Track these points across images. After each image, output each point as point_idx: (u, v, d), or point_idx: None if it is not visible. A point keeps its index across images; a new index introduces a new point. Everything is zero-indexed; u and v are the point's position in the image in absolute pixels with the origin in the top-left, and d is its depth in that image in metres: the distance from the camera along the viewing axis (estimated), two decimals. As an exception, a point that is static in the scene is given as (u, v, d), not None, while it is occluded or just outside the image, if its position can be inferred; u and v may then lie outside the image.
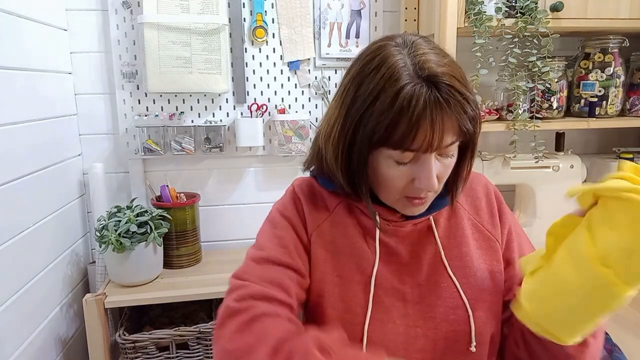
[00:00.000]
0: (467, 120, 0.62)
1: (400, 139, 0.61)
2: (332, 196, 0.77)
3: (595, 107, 1.47)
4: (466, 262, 0.74)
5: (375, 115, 0.61)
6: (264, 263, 0.69)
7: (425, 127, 0.59)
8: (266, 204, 1.67)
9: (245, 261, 0.71)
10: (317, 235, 0.74)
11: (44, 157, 1.31)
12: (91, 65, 1.50)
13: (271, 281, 0.66)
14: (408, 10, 1.59)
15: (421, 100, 0.59)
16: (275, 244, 0.72)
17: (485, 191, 0.82)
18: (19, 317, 1.13)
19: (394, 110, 0.59)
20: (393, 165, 0.65)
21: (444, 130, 0.61)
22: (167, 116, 1.52)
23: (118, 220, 1.32)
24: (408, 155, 0.63)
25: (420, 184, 0.64)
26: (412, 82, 0.60)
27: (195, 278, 1.41)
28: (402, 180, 0.66)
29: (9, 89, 1.14)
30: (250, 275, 0.67)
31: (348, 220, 0.75)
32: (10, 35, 1.16)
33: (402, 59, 0.62)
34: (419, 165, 0.64)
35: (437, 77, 0.60)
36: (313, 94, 1.62)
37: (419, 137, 0.60)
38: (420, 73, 0.60)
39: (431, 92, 0.59)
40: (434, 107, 0.59)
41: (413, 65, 0.61)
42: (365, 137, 0.63)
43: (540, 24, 1.32)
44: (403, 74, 0.60)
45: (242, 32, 1.54)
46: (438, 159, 0.65)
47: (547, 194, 1.53)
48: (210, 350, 1.34)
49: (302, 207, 0.76)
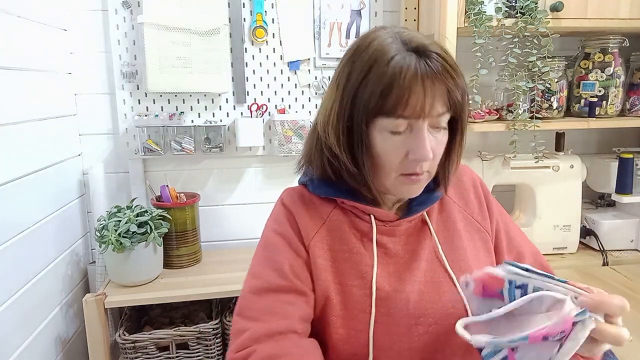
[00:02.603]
0: (456, 91, 0.65)
1: (394, 106, 0.64)
2: (324, 203, 0.77)
3: (595, 107, 1.47)
4: (460, 254, 0.75)
5: (369, 86, 0.65)
6: (261, 293, 0.69)
7: (416, 92, 0.63)
8: (266, 204, 1.67)
9: (243, 294, 0.71)
10: (314, 245, 0.73)
11: (44, 157, 1.31)
12: (91, 65, 1.50)
13: (270, 312, 0.67)
14: (408, 10, 1.59)
15: (412, 67, 0.63)
16: (270, 268, 0.71)
17: (472, 182, 0.83)
18: (19, 317, 1.13)
19: (386, 78, 0.63)
20: (388, 138, 0.67)
21: (435, 96, 0.64)
22: (167, 116, 1.52)
23: (118, 220, 1.32)
24: (402, 123, 0.65)
25: (415, 155, 0.66)
26: (402, 53, 0.64)
27: (195, 278, 1.41)
28: (398, 152, 0.67)
29: (9, 89, 1.14)
30: (251, 311, 0.68)
31: (343, 225, 0.75)
32: (10, 35, 1.16)
33: (390, 36, 0.66)
34: (413, 136, 0.66)
35: (425, 47, 0.64)
36: (313, 94, 1.62)
37: (411, 102, 0.63)
38: (409, 46, 0.65)
39: (421, 60, 0.63)
40: (425, 73, 0.63)
41: (402, 40, 0.66)
42: (362, 108, 0.66)
43: (540, 24, 1.32)
44: (392, 47, 0.65)
45: (242, 32, 1.53)
46: (430, 132, 0.67)
47: (547, 194, 1.53)
48: (210, 350, 1.35)
49: (295, 219, 0.75)
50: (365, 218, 0.75)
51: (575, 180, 1.53)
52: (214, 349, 1.35)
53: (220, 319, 1.37)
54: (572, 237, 1.55)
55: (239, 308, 0.70)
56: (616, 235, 1.55)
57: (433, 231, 0.75)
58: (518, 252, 0.82)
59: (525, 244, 0.84)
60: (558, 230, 1.54)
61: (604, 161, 1.58)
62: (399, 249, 0.74)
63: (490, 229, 0.80)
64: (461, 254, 0.75)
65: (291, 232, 0.74)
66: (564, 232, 1.54)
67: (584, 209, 1.62)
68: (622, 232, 1.56)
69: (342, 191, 0.75)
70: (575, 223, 1.55)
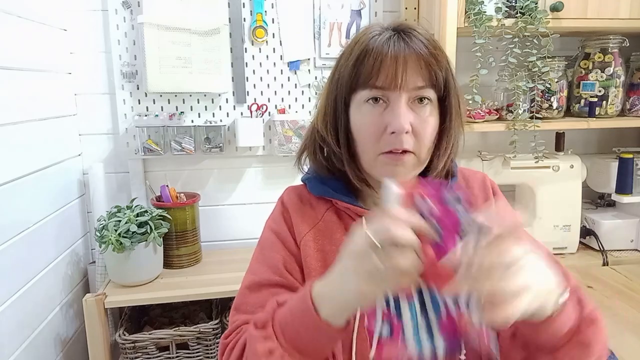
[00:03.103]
0: (437, 67, 0.66)
1: (367, 76, 0.66)
2: (320, 203, 0.77)
3: (595, 107, 1.47)
4: None
5: (349, 62, 0.68)
6: (256, 288, 0.72)
7: (389, 61, 0.64)
8: (266, 204, 1.67)
9: (240, 289, 0.74)
10: (305, 244, 0.74)
11: (44, 157, 1.31)
12: (91, 65, 1.50)
13: (264, 306, 0.68)
14: (408, 10, 1.59)
15: (385, 38, 0.65)
16: (266, 265, 0.74)
17: (482, 187, 0.82)
18: (19, 317, 1.13)
19: (360, 50, 0.66)
20: (366, 111, 0.68)
21: (410, 68, 0.65)
22: (167, 116, 1.52)
23: (118, 220, 1.32)
24: (377, 93, 0.66)
25: (391, 127, 0.65)
26: (380, 31, 0.67)
27: (195, 278, 1.41)
28: (376, 126, 0.67)
29: (9, 89, 1.14)
30: (246, 305, 0.71)
31: (336, 226, 0.75)
32: (10, 35, 1.16)
33: (378, 24, 0.70)
34: (390, 109, 0.66)
35: (405, 26, 0.67)
36: (313, 94, 1.62)
37: (383, 71, 0.65)
38: (391, 26, 0.68)
39: (398, 34, 0.66)
40: (399, 45, 0.65)
41: (386, 25, 0.69)
42: (342, 84, 0.69)
43: (540, 24, 1.32)
44: (374, 28, 0.68)
45: (242, 32, 1.54)
46: (412, 108, 0.67)
47: (547, 194, 1.53)
48: (210, 350, 1.35)
49: (290, 218, 0.77)
50: (358, 220, 0.75)
51: (575, 180, 1.53)
52: (214, 349, 1.35)
53: (220, 319, 1.37)
54: (572, 237, 1.55)
55: (236, 302, 0.73)
56: (616, 235, 1.55)
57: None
58: None
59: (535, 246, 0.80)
60: (558, 230, 1.54)
61: (604, 161, 1.58)
62: None
63: None
64: None
65: (285, 229, 0.76)
66: (564, 232, 1.54)
67: (584, 209, 1.62)
68: (622, 232, 1.56)
69: (337, 191, 0.75)
70: (575, 223, 1.55)
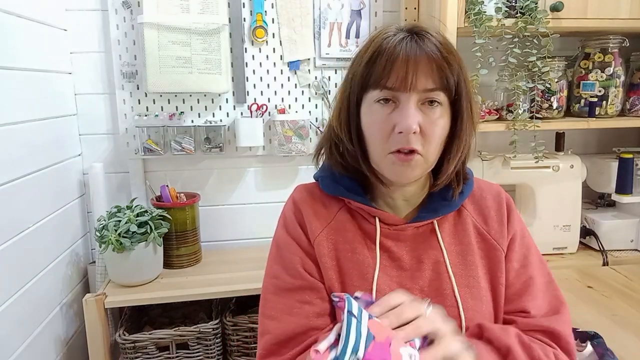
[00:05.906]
0: (448, 71, 0.66)
1: (379, 77, 0.66)
2: (333, 201, 0.77)
3: (595, 107, 1.47)
4: (470, 271, 0.73)
5: (363, 61, 0.69)
6: (279, 293, 0.73)
7: (400, 63, 0.65)
8: (266, 204, 1.67)
9: (263, 294, 0.76)
10: (319, 243, 0.74)
11: (44, 157, 1.31)
12: (91, 65, 1.50)
13: (289, 312, 0.71)
14: (408, 10, 1.59)
15: (398, 39, 0.66)
16: (284, 267, 0.75)
17: (497, 199, 0.80)
18: (19, 317, 1.13)
19: (374, 51, 0.67)
20: (376, 111, 0.68)
21: (422, 70, 0.65)
22: (167, 116, 1.52)
23: (118, 220, 1.32)
24: (387, 94, 0.67)
25: (400, 127, 0.66)
26: (395, 32, 0.68)
27: (195, 278, 1.41)
28: (385, 126, 0.68)
29: (9, 89, 1.14)
30: (271, 310, 0.72)
31: (349, 225, 0.75)
32: (10, 35, 1.15)
33: (394, 25, 0.71)
34: (399, 109, 0.67)
35: (420, 28, 0.68)
36: (313, 94, 1.62)
37: (394, 73, 0.65)
38: (406, 28, 0.69)
39: (411, 36, 0.67)
40: (411, 47, 0.65)
41: (402, 26, 0.70)
42: (355, 83, 0.70)
43: (540, 24, 1.32)
44: (389, 29, 0.69)
45: (242, 32, 1.54)
46: (422, 109, 0.67)
47: (547, 194, 1.53)
48: (210, 350, 1.35)
49: (302, 217, 0.76)
50: (370, 220, 0.75)
51: (575, 180, 1.53)
52: (214, 349, 1.35)
53: (220, 319, 1.37)
54: (572, 237, 1.55)
55: (261, 308, 0.75)
56: (616, 235, 1.55)
57: (442, 242, 0.74)
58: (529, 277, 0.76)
59: (540, 272, 0.78)
60: (558, 230, 1.54)
61: (604, 161, 1.58)
62: (403, 254, 0.74)
63: (506, 246, 0.76)
64: (472, 270, 0.73)
65: (299, 229, 0.76)
66: (564, 232, 1.54)
67: (584, 209, 1.62)
68: (622, 232, 1.56)
69: (350, 190, 0.75)
70: (575, 223, 1.55)
